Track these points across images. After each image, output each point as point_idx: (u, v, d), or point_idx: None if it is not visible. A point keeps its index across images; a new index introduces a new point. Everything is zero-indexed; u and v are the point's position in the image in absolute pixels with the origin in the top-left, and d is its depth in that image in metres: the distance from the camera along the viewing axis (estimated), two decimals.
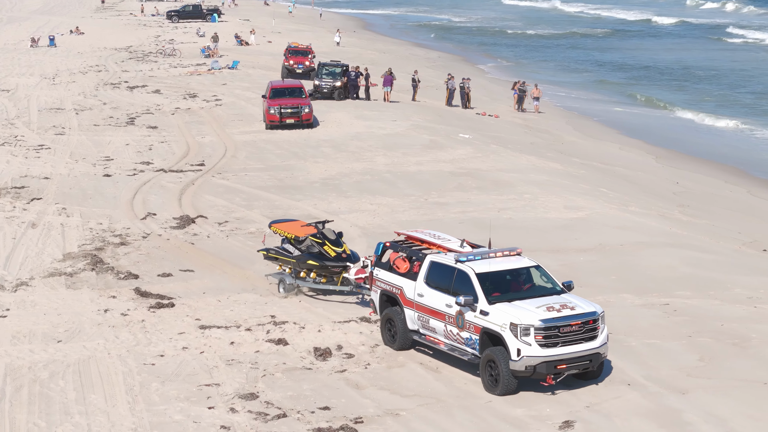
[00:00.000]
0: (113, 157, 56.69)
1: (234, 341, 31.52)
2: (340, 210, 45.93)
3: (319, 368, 29.70)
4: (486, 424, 26.42)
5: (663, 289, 35.40)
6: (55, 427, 26.05)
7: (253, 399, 27.76)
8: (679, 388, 27.66)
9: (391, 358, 30.33)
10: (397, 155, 56.87)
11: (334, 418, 26.68)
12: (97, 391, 28.10)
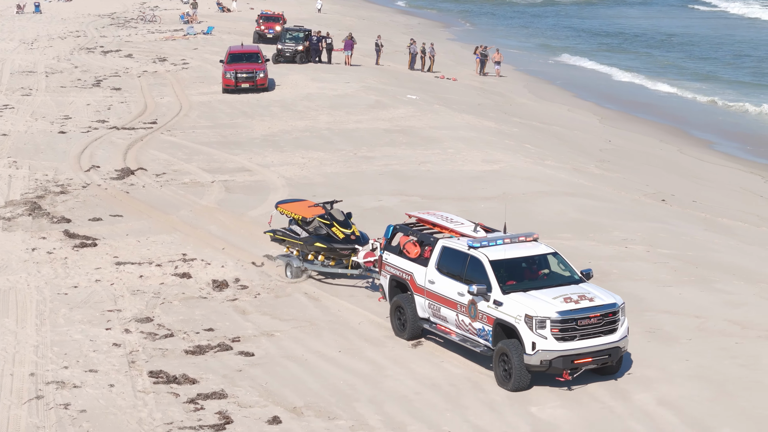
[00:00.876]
0: (72, 116, 59.92)
1: (143, 275, 34.89)
2: (272, 163, 49.24)
3: (213, 297, 33.05)
4: (347, 342, 29.74)
5: (547, 232, 38.61)
6: None
7: (148, 322, 31.10)
8: None
9: (281, 290, 33.71)
10: (340, 114, 60.08)
11: (215, 337, 29.99)
12: (11, 315, 31.38)
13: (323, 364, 28.08)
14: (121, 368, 27.71)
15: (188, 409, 25.57)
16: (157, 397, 26.15)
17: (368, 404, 25.80)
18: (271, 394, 26.34)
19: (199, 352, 28.86)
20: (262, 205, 42.39)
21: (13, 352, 28.60)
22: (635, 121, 69.22)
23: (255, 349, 29.01)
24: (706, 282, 33.64)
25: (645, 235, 38.45)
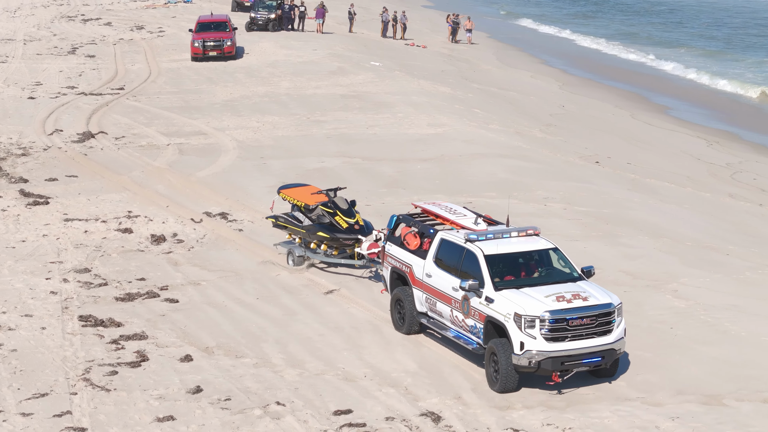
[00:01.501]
0: (44, 82, 62.31)
1: (88, 230, 37.42)
2: (228, 127, 51.70)
3: (150, 250, 35.59)
4: (266, 290, 32.28)
5: (474, 191, 41.10)
6: None
7: (86, 272, 33.63)
8: None
9: (214, 244, 36.22)
10: (301, 80, 62.46)
11: (145, 286, 32.53)
12: None
13: (240, 309, 30.51)
14: (54, 313, 30.16)
15: (110, 348, 27.99)
16: (84, 338, 28.57)
17: (274, 344, 28.20)
18: (188, 335, 28.74)
19: (128, 299, 31.32)
20: (211, 166, 44.83)
21: None
22: (598, 87, 71.50)
23: (180, 296, 31.46)
24: (612, 237, 36.06)
25: (566, 194, 40.82)
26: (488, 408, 24.50)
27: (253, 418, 24.27)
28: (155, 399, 25.16)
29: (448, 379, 26.07)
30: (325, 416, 24.34)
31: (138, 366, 26.88)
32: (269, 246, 35.17)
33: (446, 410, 24.55)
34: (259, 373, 26.52)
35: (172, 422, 24.09)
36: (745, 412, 24.18)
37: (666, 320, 29.04)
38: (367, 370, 26.68)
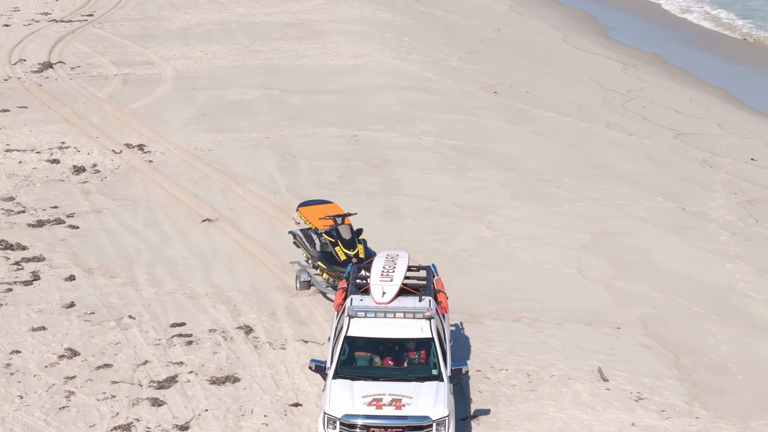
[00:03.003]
0: (21, 8, 68.47)
1: (22, 161, 43.97)
2: (174, 56, 57.93)
3: (69, 180, 42.11)
4: (154, 218, 38.72)
5: (363, 124, 47.25)
6: None
7: (10, 201, 40.17)
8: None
9: (124, 175, 42.72)
10: (255, 6, 68.34)
11: (56, 213, 39.06)
12: None
13: (126, 235, 37.03)
14: None
15: (12, 269, 34.50)
16: None
17: (144, 266, 34.70)
18: (77, 258, 35.33)
19: (38, 225, 37.90)
20: (146, 97, 51.10)
21: None
22: (549, 7, 76.35)
23: (81, 223, 38.01)
24: (462, 170, 42.28)
25: (444, 127, 46.98)
26: (292, 323, 30.77)
27: (107, 329, 30.67)
28: (35, 312, 31.55)
29: (269, 298, 32.47)
30: (164, 328, 30.72)
31: (30, 284, 33.35)
32: (172, 175, 41.65)
33: (259, 324, 30.91)
34: (124, 291, 32.89)
35: (43, 332, 30.51)
36: (493, 329, 30.43)
37: (470, 249, 35.20)
38: (210, 289, 32.99)
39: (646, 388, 26.98)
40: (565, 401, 26.37)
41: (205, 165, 42.11)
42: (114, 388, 27.08)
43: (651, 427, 25.43)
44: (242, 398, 26.60)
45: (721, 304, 31.55)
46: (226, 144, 44.10)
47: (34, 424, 25.54)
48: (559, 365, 27.90)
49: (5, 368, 27.93)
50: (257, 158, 42.78)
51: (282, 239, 35.10)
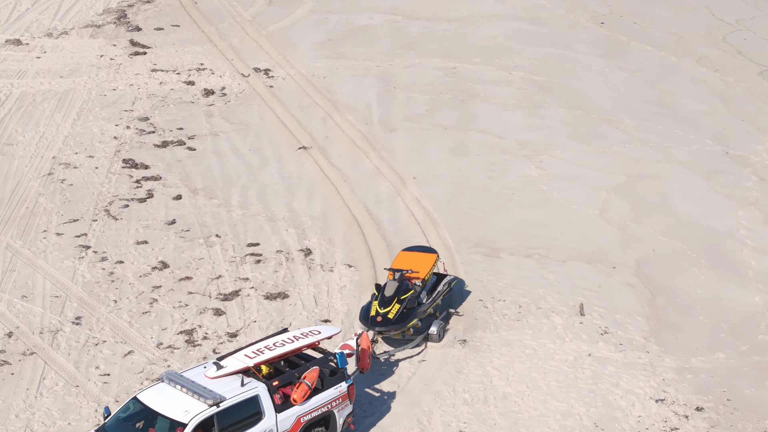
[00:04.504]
0: None
1: (163, 81, 51.68)
2: None
3: (198, 102, 49.55)
4: (260, 143, 45.98)
5: (465, 56, 52.67)
6: (27, 131, 46.42)
7: (145, 121, 47.92)
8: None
9: (246, 98, 49.89)
10: None
11: (180, 134, 46.53)
12: (61, 112, 48.83)
13: (233, 158, 44.08)
14: (109, 155, 44.50)
15: (132, 186, 42.05)
16: (119, 178, 42.83)
17: (239, 189, 41.74)
18: (187, 178, 42.72)
19: (163, 146, 45.45)
20: (284, 20, 57.66)
21: (49, 140, 45.89)
22: None
23: (198, 145, 45.40)
24: (536, 108, 47.55)
25: (536, 62, 52.17)
26: (345, 249, 36.79)
27: (196, 245, 37.96)
28: (143, 227, 39.02)
29: (333, 224, 39.24)
30: (241, 247, 37.87)
31: (144, 201, 40.81)
32: (285, 101, 47.64)
33: (318, 248, 37.92)
34: (218, 212, 40.03)
35: (145, 245, 37.96)
36: (507, 263, 36.69)
37: (514, 187, 41.22)
38: (287, 213, 39.90)
39: (615, 324, 32.70)
40: (541, 331, 32.34)
41: (316, 92, 48.53)
42: (188, 298, 34.09)
43: (604, 358, 31.21)
44: (286, 312, 33.31)
45: (714, 250, 36.69)
46: (340, 72, 50.57)
47: (120, 325, 32.84)
48: (549, 299, 33.81)
49: (109, 276, 35.25)
50: (362, 87, 48.96)
51: (360, 170, 41.90)
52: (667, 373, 29.98)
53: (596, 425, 27.87)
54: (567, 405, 28.66)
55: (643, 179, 40.77)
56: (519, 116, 45.45)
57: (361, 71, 50.07)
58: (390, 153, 42.84)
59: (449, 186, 40.12)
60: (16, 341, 30.91)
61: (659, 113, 46.30)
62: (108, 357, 30.53)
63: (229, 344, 31.05)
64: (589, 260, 35.51)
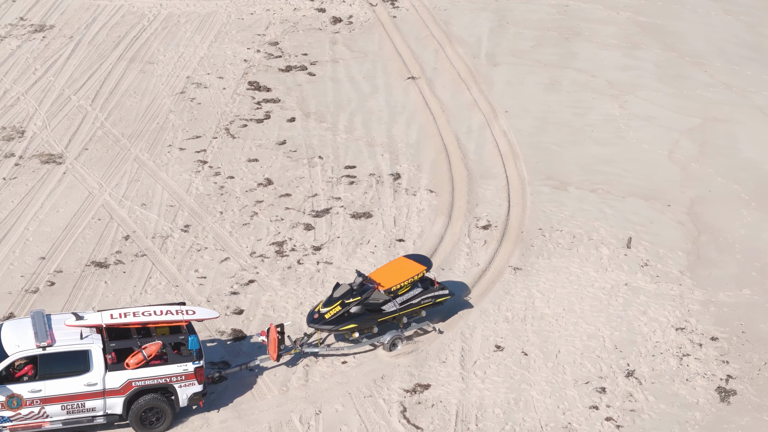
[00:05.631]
0: None
1: (297, 7, 56.40)
2: None
3: (326, 29, 54.11)
4: (373, 70, 50.78)
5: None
6: (168, 51, 51.62)
7: (274, 45, 52.93)
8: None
9: (369, 28, 54.38)
10: None
11: (304, 60, 50.95)
12: (201, 33, 53.96)
13: (347, 85, 48.65)
14: (237, 77, 49.75)
15: (253, 107, 47.18)
16: (242, 99, 47.99)
17: (348, 114, 46.23)
18: (303, 102, 47.60)
19: (286, 70, 50.40)
20: None
21: (186, 60, 50.69)
22: None
23: (318, 71, 50.22)
24: (633, 48, 51.18)
25: (646, 1, 56.09)
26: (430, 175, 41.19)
27: (300, 165, 42.88)
28: (256, 146, 44.12)
29: (423, 151, 43.76)
30: (339, 168, 42.71)
31: (261, 122, 45.92)
32: (405, 31, 51.84)
33: (406, 173, 42.71)
34: (325, 135, 44.86)
35: (255, 163, 42.90)
36: (571, 196, 40.82)
37: (594, 124, 45.17)
38: (386, 139, 44.60)
39: (656, 257, 36.61)
40: (587, 261, 36.49)
41: (434, 24, 52.81)
42: (285, 213, 39.05)
43: (638, 288, 35.23)
44: (367, 230, 37.99)
45: (767, 193, 40.14)
46: (461, 4, 54.72)
47: (222, 234, 38.03)
48: (602, 231, 37.87)
49: (219, 189, 40.40)
50: (478, 21, 53.03)
51: (459, 101, 45.76)
52: (692, 305, 33.75)
53: (616, 347, 31.86)
54: (594, 328, 32.65)
55: (717, 122, 44.00)
56: (615, 56, 48.88)
57: (480, 5, 53.94)
58: (489, 86, 46.71)
59: (535, 120, 44.03)
60: (131, 244, 36.14)
61: (752, 58, 49.14)
62: (207, 262, 35.48)
63: (312, 256, 35.84)
64: (647, 197, 39.24)
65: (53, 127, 42.94)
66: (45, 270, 34.14)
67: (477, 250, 35.96)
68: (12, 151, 41.05)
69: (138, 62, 48.69)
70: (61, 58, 48.91)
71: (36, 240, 35.58)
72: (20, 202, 37.73)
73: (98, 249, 35.38)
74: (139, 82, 46.86)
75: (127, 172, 40.16)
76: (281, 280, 34.29)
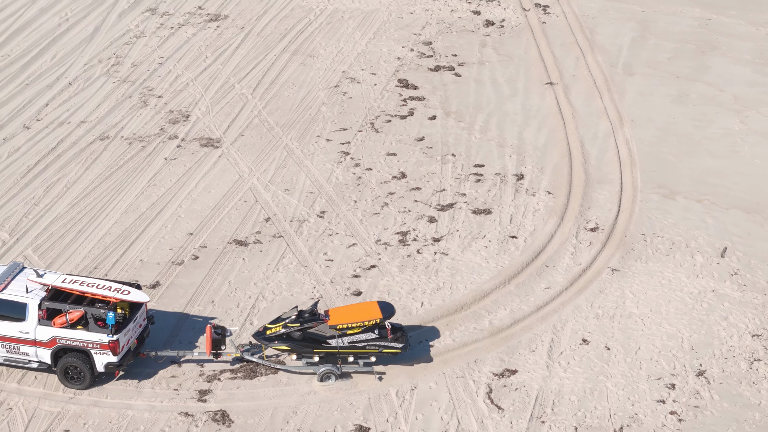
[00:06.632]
0: None
1: (454, 9, 60.28)
2: None
3: (478, 32, 57.59)
4: (530, 76, 54.88)
5: (723, 7, 58.79)
6: (329, 45, 55.46)
7: (427, 45, 56.55)
8: None
9: (518, 32, 57.88)
10: None
11: (452, 60, 54.81)
12: (361, 30, 58.29)
13: (489, 87, 52.05)
14: (388, 74, 53.88)
15: (399, 104, 51.08)
16: (390, 95, 51.87)
17: (485, 115, 49.29)
18: (445, 101, 51.25)
19: (435, 69, 54.30)
20: None
21: (344, 55, 55.23)
22: None
23: (465, 72, 54.02)
24: (765, 65, 54.43)
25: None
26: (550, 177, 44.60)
27: (434, 161, 46.40)
28: (396, 141, 48.16)
29: (548, 154, 47.29)
30: (469, 166, 46.55)
31: (404, 118, 50.17)
32: (551, 37, 54.92)
33: (529, 174, 46.44)
34: (461, 134, 48.68)
35: (392, 156, 46.78)
36: (678, 205, 43.85)
37: (713, 138, 47.90)
38: (516, 141, 48.18)
39: (747, 267, 39.38)
40: (681, 267, 39.57)
41: (580, 31, 55.96)
42: (413, 205, 42.65)
43: (724, 295, 38.16)
44: (485, 226, 41.58)
45: None
46: (609, 14, 57.70)
47: (353, 221, 42.10)
48: (700, 240, 40.87)
49: (357, 179, 44.52)
50: (622, 30, 55.90)
51: (590, 108, 48.71)
52: None
53: (692, 348, 35.09)
54: (675, 329, 35.92)
55: None
56: (746, 71, 51.37)
57: (627, 15, 56.88)
58: (621, 95, 49.89)
59: (658, 130, 47.11)
60: (271, 225, 40.74)
61: None
62: (336, 246, 39.75)
63: (431, 247, 39.54)
64: (749, 210, 41.98)
65: (215, 112, 47.67)
66: (191, 245, 38.82)
67: (581, 251, 39.13)
68: (176, 133, 45.97)
69: (300, 55, 53.01)
70: (231, 47, 53.63)
71: (187, 217, 40.38)
72: (177, 181, 42.54)
73: (241, 228, 39.83)
74: (299, 74, 51.21)
75: (276, 159, 44.44)
76: (400, 267, 38.06)
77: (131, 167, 43.16)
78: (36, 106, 47.59)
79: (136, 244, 38.43)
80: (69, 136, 45.26)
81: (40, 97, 48.28)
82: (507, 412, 32.18)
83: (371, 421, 31.32)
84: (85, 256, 37.58)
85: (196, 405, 31.97)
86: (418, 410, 32.03)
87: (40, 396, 31.99)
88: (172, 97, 48.54)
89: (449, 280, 37.36)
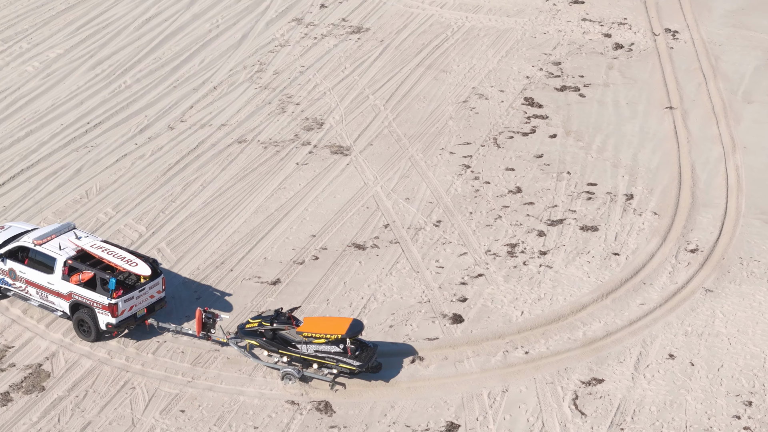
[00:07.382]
0: None
1: (586, 31, 61.26)
2: None
3: (606, 54, 58.35)
4: (639, 97, 57.36)
5: None
6: (462, 61, 58.32)
7: (557, 65, 57.78)
8: None
9: (646, 56, 59.69)
10: None
11: (579, 81, 56.70)
12: (495, 48, 60.97)
13: (610, 108, 53.75)
14: (515, 92, 56.45)
15: (522, 121, 53.02)
16: (515, 113, 54.36)
17: (603, 136, 51.02)
18: (567, 121, 53.38)
19: (561, 89, 56.66)
20: None
21: (476, 72, 58.34)
22: None
23: (589, 93, 56.00)
24: None
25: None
26: (657, 199, 47.28)
27: (548, 177, 47.68)
28: (515, 157, 49.36)
29: (658, 176, 49.44)
30: (582, 184, 47.93)
31: (526, 135, 52.76)
32: (677, 62, 57.16)
33: (638, 194, 48.71)
34: (577, 153, 50.45)
35: (511, 171, 47.98)
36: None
37: None
38: (630, 162, 49.61)
39: None
40: None
41: (705, 58, 57.67)
42: (524, 219, 45.58)
43: None
44: (590, 242, 43.72)
45: None
46: (735, 41, 59.27)
47: (466, 232, 44.73)
48: None
49: (475, 192, 47.30)
50: (746, 59, 57.31)
51: (705, 133, 50.75)
52: None
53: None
54: (759, 350, 37.97)
55: None
56: None
57: (755, 43, 58.46)
58: (737, 122, 51.79)
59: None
60: (389, 231, 43.86)
61: None
62: (447, 255, 42.59)
63: (537, 260, 41.97)
64: None
65: (348, 122, 51.05)
66: (313, 246, 42.22)
67: (679, 270, 41.35)
68: (309, 140, 49.51)
69: (434, 70, 56.11)
70: (369, 59, 56.99)
71: (311, 219, 43.81)
72: (306, 185, 46.00)
73: (360, 233, 43.04)
74: (430, 88, 54.28)
75: (400, 169, 47.55)
76: (505, 277, 40.81)
77: (264, 170, 46.68)
78: (181, 108, 51.52)
79: (262, 243, 41.88)
80: (209, 138, 49.03)
81: (185, 99, 52.25)
82: (589, 418, 34.32)
83: (462, 419, 33.97)
84: (213, 252, 41.22)
85: (302, 395, 34.83)
86: (507, 411, 34.49)
87: (161, 378, 35.55)
88: (308, 105, 52.00)
89: (550, 291, 39.59)
